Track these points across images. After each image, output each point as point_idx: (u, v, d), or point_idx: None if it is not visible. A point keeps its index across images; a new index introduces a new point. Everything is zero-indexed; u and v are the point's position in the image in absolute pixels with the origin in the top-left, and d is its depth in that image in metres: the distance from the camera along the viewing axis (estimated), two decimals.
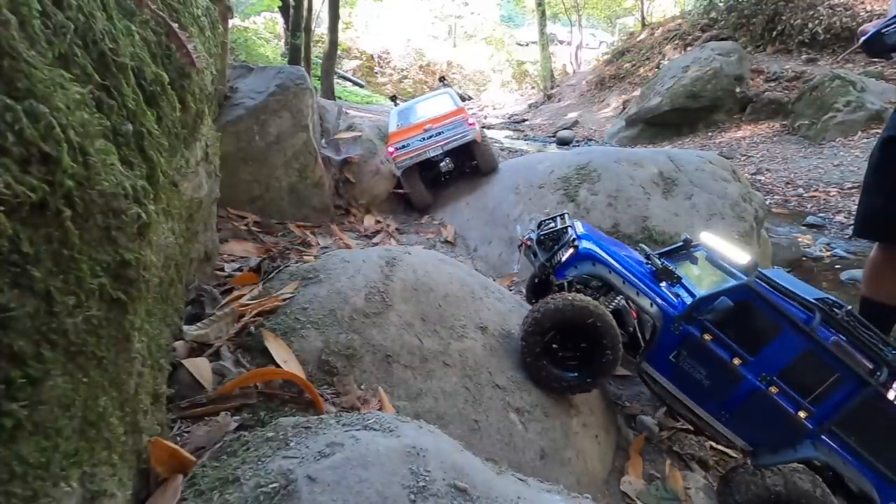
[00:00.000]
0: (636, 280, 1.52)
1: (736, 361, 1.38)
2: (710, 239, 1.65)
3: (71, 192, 0.56)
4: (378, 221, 3.05)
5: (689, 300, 1.45)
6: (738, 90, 10.58)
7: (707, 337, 1.40)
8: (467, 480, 0.81)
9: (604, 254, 1.57)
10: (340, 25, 13.14)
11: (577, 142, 12.25)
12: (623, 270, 1.54)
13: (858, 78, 8.85)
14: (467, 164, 3.65)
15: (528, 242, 1.76)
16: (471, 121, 3.53)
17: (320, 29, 14.24)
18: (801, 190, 6.65)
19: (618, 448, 1.66)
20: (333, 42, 11.89)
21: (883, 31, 1.88)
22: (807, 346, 1.33)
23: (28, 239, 0.51)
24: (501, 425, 1.30)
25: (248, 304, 1.33)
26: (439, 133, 3.38)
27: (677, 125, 10.88)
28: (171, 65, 0.98)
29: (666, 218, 2.60)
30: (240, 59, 11.22)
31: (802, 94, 9.34)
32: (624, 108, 13.12)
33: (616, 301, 1.58)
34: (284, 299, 1.33)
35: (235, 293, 1.42)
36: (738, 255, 1.50)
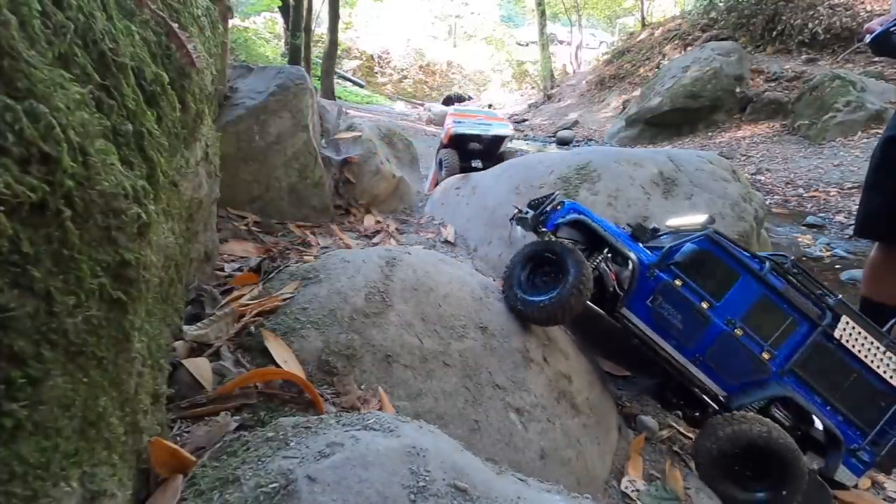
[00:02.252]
0: (615, 234, 1.70)
1: (704, 305, 1.52)
2: (676, 221, 1.82)
3: (71, 192, 0.56)
4: (378, 221, 3.05)
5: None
6: (738, 90, 10.58)
7: (678, 282, 1.55)
8: (467, 480, 0.81)
9: (587, 216, 1.76)
10: (340, 25, 13.15)
11: (577, 142, 12.26)
12: (604, 223, 1.73)
13: (858, 78, 8.86)
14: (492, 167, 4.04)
15: (519, 212, 1.96)
16: (511, 125, 4.89)
17: (320, 29, 14.25)
18: (801, 190, 6.65)
19: (618, 448, 1.66)
20: (333, 42, 11.89)
21: (891, 29, 1.88)
22: (762, 292, 1.48)
23: (28, 239, 0.51)
24: (501, 425, 1.30)
25: (248, 304, 1.33)
26: (488, 124, 4.59)
27: (677, 125, 10.89)
28: (171, 65, 0.98)
29: (666, 218, 2.59)
30: (240, 59, 11.23)
31: (802, 94, 9.34)
32: (624, 108, 13.12)
33: (597, 261, 1.69)
34: (284, 299, 1.33)
35: (235, 293, 1.42)
36: (697, 219, 1.67)
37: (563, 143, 12.14)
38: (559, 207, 1.79)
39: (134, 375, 0.72)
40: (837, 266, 4.28)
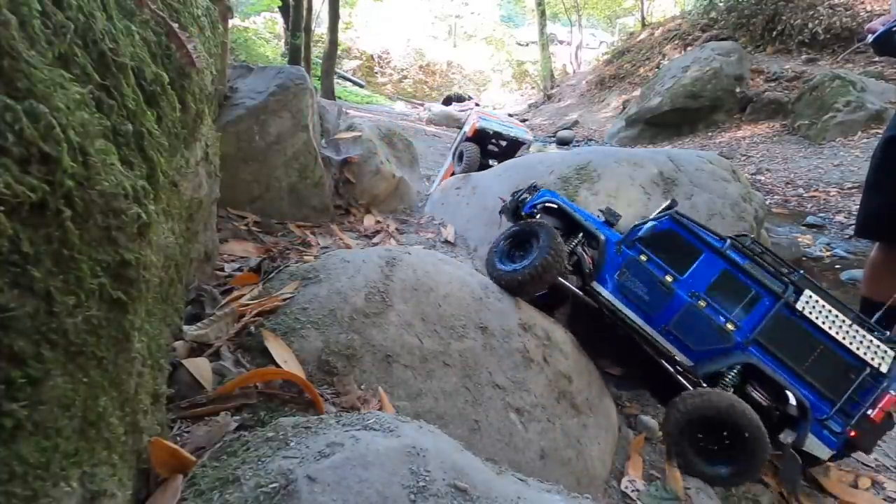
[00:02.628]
0: (586, 216, 1.85)
1: (668, 278, 1.62)
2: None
3: (71, 192, 0.56)
4: (378, 221, 3.05)
5: None
6: (738, 90, 10.57)
7: (643, 258, 1.67)
8: (467, 480, 0.81)
9: (562, 201, 1.93)
10: (340, 25, 13.15)
11: (577, 142, 12.26)
12: (575, 208, 1.89)
13: (858, 78, 8.85)
14: None
15: (505, 203, 2.11)
16: (531, 134, 4.97)
17: (320, 29, 14.25)
18: (801, 190, 6.65)
19: (618, 448, 1.66)
20: (333, 42, 11.89)
21: (894, 29, 1.88)
22: (724, 266, 1.57)
23: (28, 239, 0.51)
24: (501, 425, 1.30)
25: (248, 304, 1.33)
26: (511, 127, 4.74)
27: (677, 125, 10.88)
28: (171, 65, 0.98)
29: None
30: (240, 59, 11.23)
31: (802, 94, 9.34)
32: (624, 108, 13.12)
33: (573, 244, 1.81)
34: (284, 299, 1.33)
35: (235, 293, 1.42)
36: (662, 206, 1.78)
37: (563, 143, 12.13)
38: (534, 193, 1.98)
39: (134, 375, 0.72)
40: (837, 266, 4.28)
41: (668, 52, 14.39)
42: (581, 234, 1.83)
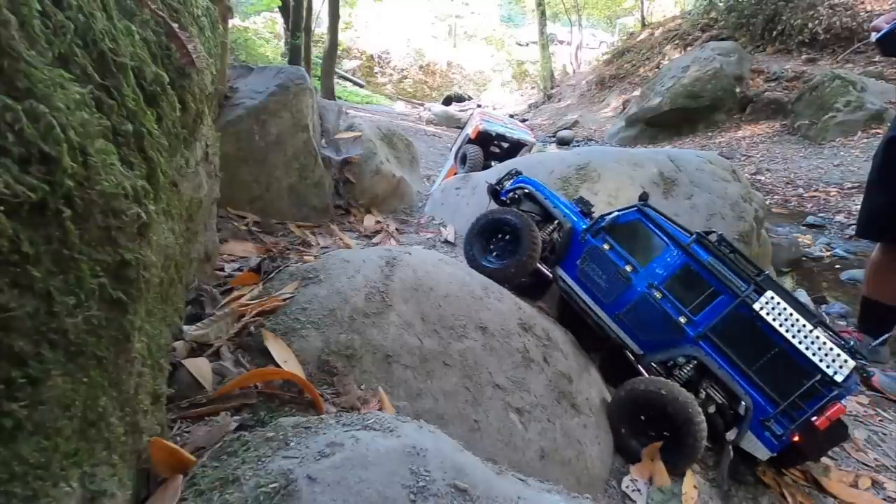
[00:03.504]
0: (557, 203, 1.92)
1: (627, 268, 1.66)
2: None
3: (71, 192, 0.56)
4: (378, 221, 3.05)
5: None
6: (738, 90, 10.57)
7: (606, 247, 1.71)
8: (467, 480, 0.81)
9: (535, 187, 2.01)
10: (340, 25, 13.14)
11: (577, 142, 12.26)
12: (548, 195, 1.95)
13: (858, 78, 8.85)
14: None
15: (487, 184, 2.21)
16: (533, 136, 5.01)
17: (320, 29, 14.24)
18: (801, 190, 6.65)
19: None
20: (333, 42, 11.88)
21: None
22: (685, 261, 1.59)
23: (28, 239, 0.51)
24: (501, 425, 1.30)
25: (248, 304, 1.32)
26: (513, 129, 4.73)
27: (677, 125, 10.87)
28: (171, 65, 0.98)
29: None
30: (240, 59, 11.23)
31: (802, 94, 9.34)
32: (624, 108, 13.12)
33: (549, 230, 1.89)
34: (284, 299, 1.33)
35: (235, 293, 1.42)
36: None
37: (563, 143, 12.13)
38: (512, 179, 2.09)
39: (134, 375, 0.72)
40: (837, 266, 4.28)
41: (668, 52, 14.39)
42: (556, 222, 1.91)
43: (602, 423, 1.61)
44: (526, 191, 2.02)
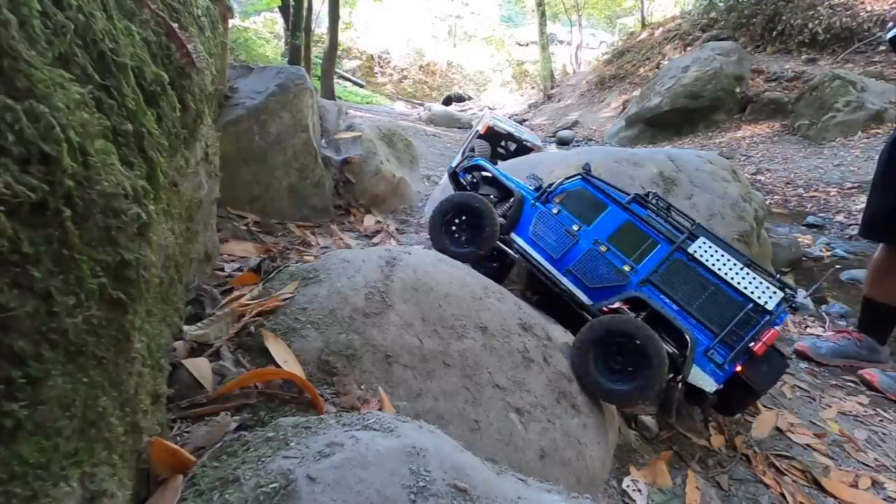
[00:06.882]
0: (509, 179, 2.08)
1: (574, 227, 1.83)
2: None
3: (71, 192, 0.56)
4: (378, 221, 3.05)
5: None
6: (738, 90, 10.57)
7: (555, 210, 1.88)
8: (467, 480, 0.81)
9: (489, 165, 2.19)
10: (340, 25, 13.14)
11: (577, 142, 12.25)
12: (500, 173, 2.12)
13: (858, 78, 8.84)
14: None
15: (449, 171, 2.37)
16: (540, 140, 5.22)
17: (320, 29, 14.23)
18: (801, 190, 6.65)
19: (618, 448, 1.66)
20: (333, 42, 11.88)
21: None
22: (627, 218, 1.76)
23: (28, 239, 0.51)
24: (501, 425, 1.30)
25: (248, 304, 1.32)
26: (522, 131, 4.98)
27: (677, 125, 10.87)
28: (171, 65, 0.98)
29: None
30: (240, 59, 11.23)
31: (802, 94, 9.33)
32: (624, 108, 13.11)
33: (507, 208, 2.02)
34: (284, 299, 1.33)
35: (235, 293, 1.42)
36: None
37: (563, 143, 12.12)
38: (469, 161, 2.28)
39: (134, 375, 0.72)
40: (837, 266, 4.27)
41: (668, 52, 14.38)
42: (512, 199, 2.06)
43: (602, 422, 1.61)
44: (485, 174, 2.19)
